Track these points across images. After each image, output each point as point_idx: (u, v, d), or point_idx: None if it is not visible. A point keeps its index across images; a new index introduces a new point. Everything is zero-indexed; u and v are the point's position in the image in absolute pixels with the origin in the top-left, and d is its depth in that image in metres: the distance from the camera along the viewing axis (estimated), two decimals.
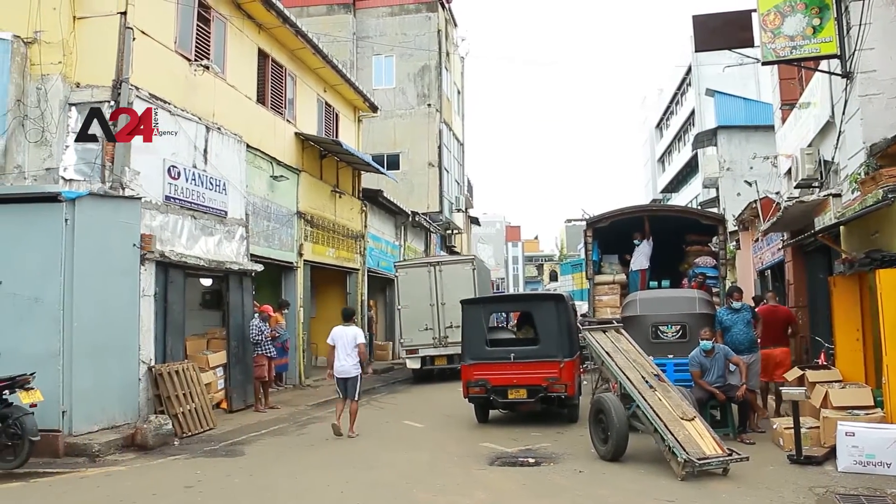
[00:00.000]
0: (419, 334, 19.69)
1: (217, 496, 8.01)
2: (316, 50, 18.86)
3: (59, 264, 10.27)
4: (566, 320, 12.32)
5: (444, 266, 20.30)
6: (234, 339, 14.42)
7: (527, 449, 10.18)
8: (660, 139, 59.18)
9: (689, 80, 45.82)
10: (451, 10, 36.32)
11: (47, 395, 9.55)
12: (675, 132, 51.69)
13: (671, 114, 53.69)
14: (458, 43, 38.38)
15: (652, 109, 62.55)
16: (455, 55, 37.33)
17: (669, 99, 52.97)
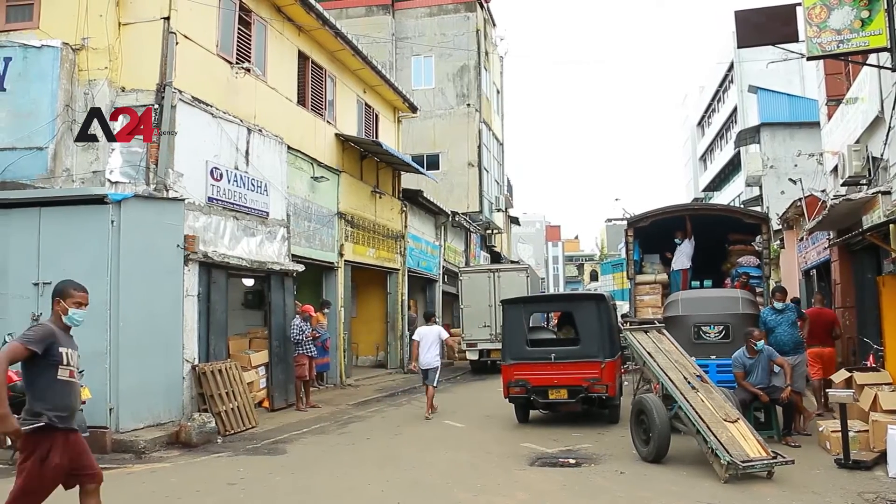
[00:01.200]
0: (478, 330, 22.34)
1: (259, 494, 8.09)
2: (355, 51, 18.97)
3: (105, 265, 10.49)
4: (607, 320, 12.25)
5: (501, 273, 23.18)
6: (275, 338, 14.56)
7: (567, 450, 10.13)
8: (701, 137, 58.41)
9: (731, 77, 45.14)
10: (490, 10, 36.26)
11: (95, 393, 9.76)
12: (716, 130, 50.96)
13: (713, 111, 52.93)
14: (497, 42, 38.30)
15: (693, 107, 61.74)
16: (494, 55, 37.26)
17: (711, 96, 52.23)
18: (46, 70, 11.50)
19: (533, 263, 73.40)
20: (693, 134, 62.13)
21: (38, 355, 5.27)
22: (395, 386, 18.80)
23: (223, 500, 7.88)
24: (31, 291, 10.59)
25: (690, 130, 63.36)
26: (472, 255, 33.78)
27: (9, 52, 11.53)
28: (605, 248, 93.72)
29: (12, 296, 10.66)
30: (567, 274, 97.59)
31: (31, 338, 5.21)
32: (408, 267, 24.05)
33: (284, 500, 7.91)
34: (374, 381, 19.57)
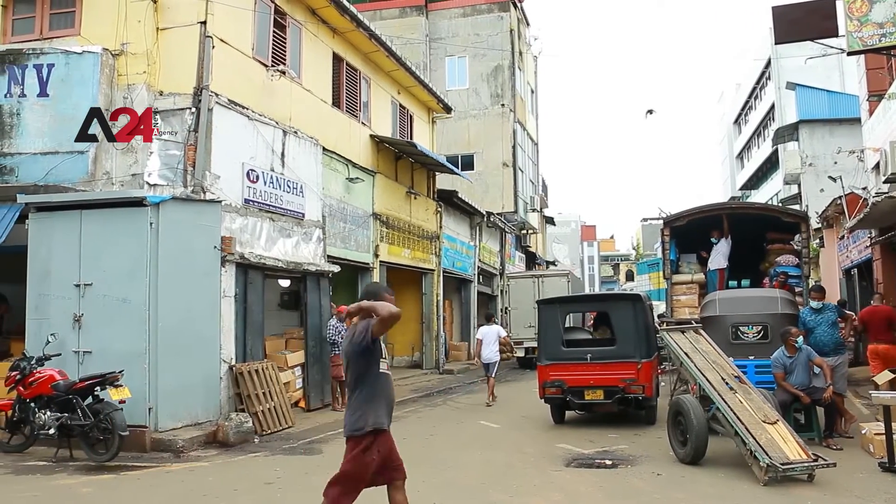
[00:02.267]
0: (524, 330, 23.87)
1: (296, 493, 8.15)
2: (389, 52, 19.03)
3: (144, 266, 10.64)
4: (644, 320, 12.15)
5: (545, 278, 25.93)
6: (311, 339, 14.65)
7: (603, 450, 10.07)
8: (738, 135, 57.71)
9: (768, 73, 44.54)
10: (523, 9, 36.18)
11: (135, 393, 9.91)
12: (754, 128, 50.33)
13: (750, 109, 52.27)
14: (531, 42, 38.20)
15: (729, 105, 61.03)
16: (528, 54, 37.16)
17: (748, 94, 51.57)
18: (87, 75, 11.70)
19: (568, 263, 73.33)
20: (730, 132, 61.43)
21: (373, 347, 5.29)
22: (430, 386, 18.82)
23: (260, 499, 7.95)
24: (73, 292, 10.79)
25: (727, 128, 62.66)
26: (508, 255, 33.72)
27: (52, 58, 11.74)
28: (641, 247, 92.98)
29: (55, 297, 10.87)
30: (602, 274, 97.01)
31: None
32: (443, 267, 24.06)
33: (320, 500, 7.95)
34: (410, 382, 19.60)
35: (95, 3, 12.40)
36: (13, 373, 10.17)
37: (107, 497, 8.14)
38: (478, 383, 20.41)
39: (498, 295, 32.10)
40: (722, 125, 65.98)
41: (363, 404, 5.34)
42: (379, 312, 5.02)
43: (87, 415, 9.49)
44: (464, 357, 26.12)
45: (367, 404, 5.34)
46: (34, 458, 9.90)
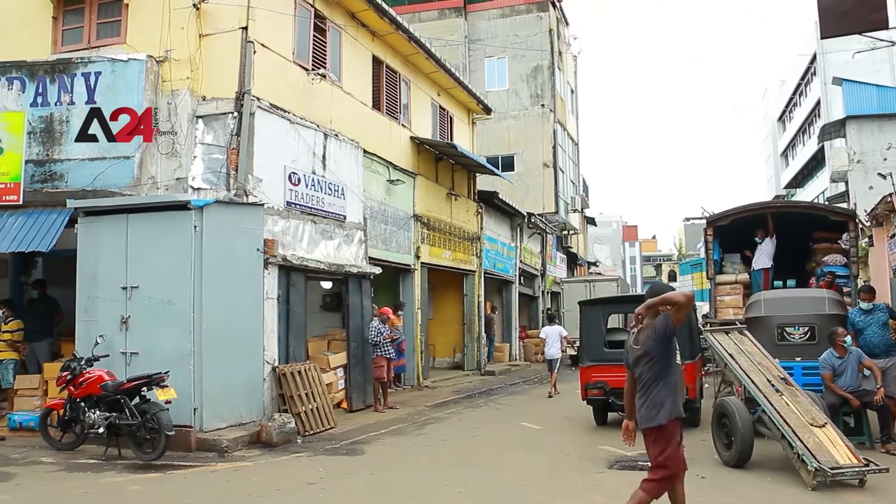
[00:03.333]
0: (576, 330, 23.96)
1: (338, 494, 8.20)
2: (429, 55, 19.08)
3: (189, 269, 10.79)
4: (687, 321, 11.99)
5: (596, 283, 28.59)
6: (353, 340, 14.74)
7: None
8: (783, 133, 56.75)
9: (813, 69, 43.72)
10: (562, 9, 36.00)
11: (180, 393, 10.06)
12: (799, 125, 49.45)
13: (795, 106, 51.36)
14: (571, 41, 37.99)
15: (773, 102, 60.04)
16: (567, 54, 36.97)
17: (792, 90, 50.68)
18: (133, 82, 11.91)
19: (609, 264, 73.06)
20: (774, 129, 60.47)
21: None
22: (472, 388, 18.81)
23: (303, 499, 8.01)
24: (120, 295, 10.99)
25: (771, 126, 61.68)
26: (549, 256, 33.59)
27: (98, 66, 11.99)
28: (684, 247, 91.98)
29: (102, 299, 11.08)
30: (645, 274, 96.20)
31: None
32: (484, 268, 24.03)
33: (363, 500, 8.00)
34: (451, 383, 19.62)
35: (140, 12, 12.63)
36: (64, 373, 10.41)
37: (154, 495, 8.28)
38: (519, 384, 20.38)
39: (539, 296, 31.99)
40: (765, 123, 64.97)
41: (670, 394, 5.68)
42: (676, 300, 5.59)
43: (135, 414, 9.67)
44: (505, 358, 26.06)
45: (673, 394, 5.70)
46: (85, 455, 10.11)
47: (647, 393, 5.74)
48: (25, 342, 12.72)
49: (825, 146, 36.58)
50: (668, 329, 5.59)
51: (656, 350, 5.66)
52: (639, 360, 5.79)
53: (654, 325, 5.66)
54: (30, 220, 11.63)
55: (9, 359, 12.41)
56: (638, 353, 5.82)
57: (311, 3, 14.39)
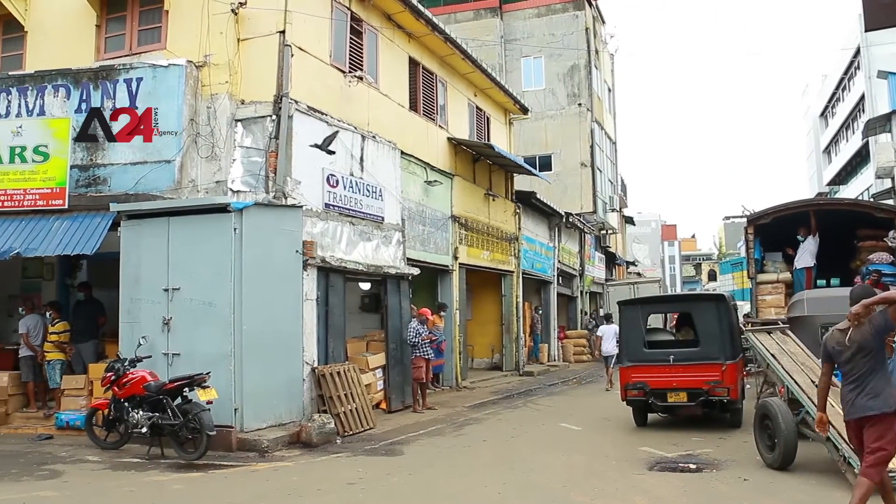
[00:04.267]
0: None
1: (378, 494, 8.23)
2: (465, 55, 19.08)
3: (229, 270, 10.90)
4: (728, 321, 11.85)
5: (639, 284, 32.66)
6: (392, 341, 14.79)
7: (687, 454, 9.85)
8: (825, 129, 55.67)
9: (857, 62, 42.79)
10: (599, 7, 35.76)
11: (221, 393, 10.17)
12: (842, 120, 48.47)
13: (837, 101, 50.37)
14: (607, 40, 37.75)
15: (815, 97, 58.93)
16: (604, 52, 36.74)
17: (835, 85, 49.69)
18: (173, 87, 12.09)
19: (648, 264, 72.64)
20: (816, 125, 59.40)
21: None
22: (510, 388, 18.76)
23: (343, 499, 8.05)
24: (162, 297, 11.15)
25: (813, 121, 60.60)
26: (587, 256, 33.38)
27: (140, 72, 12.19)
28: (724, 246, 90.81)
29: (145, 301, 11.25)
30: (684, 274, 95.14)
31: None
32: (522, 269, 23.95)
33: (402, 501, 8.02)
34: (490, 384, 19.59)
35: (180, 18, 12.82)
36: (108, 374, 10.62)
37: (196, 494, 8.39)
38: (558, 385, 20.29)
39: (577, 296, 31.81)
40: (807, 119, 63.85)
41: (887, 383, 6.13)
42: (894, 298, 6.19)
43: (177, 415, 9.81)
44: (545, 359, 25.96)
45: (889, 384, 6.14)
46: (129, 454, 10.29)
47: (863, 384, 6.13)
48: (71, 343, 13.00)
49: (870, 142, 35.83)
50: (887, 324, 6.14)
51: (874, 344, 6.14)
52: (855, 355, 6.20)
53: (873, 322, 6.15)
54: (74, 223, 11.88)
55: (56, 359, 12.72)
56: (853, 349, 6.22)
57: (348, 6, 14.47)
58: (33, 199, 12.17)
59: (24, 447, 11.05)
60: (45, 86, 12.48)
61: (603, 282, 37.54)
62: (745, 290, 21.37)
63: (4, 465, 9.72)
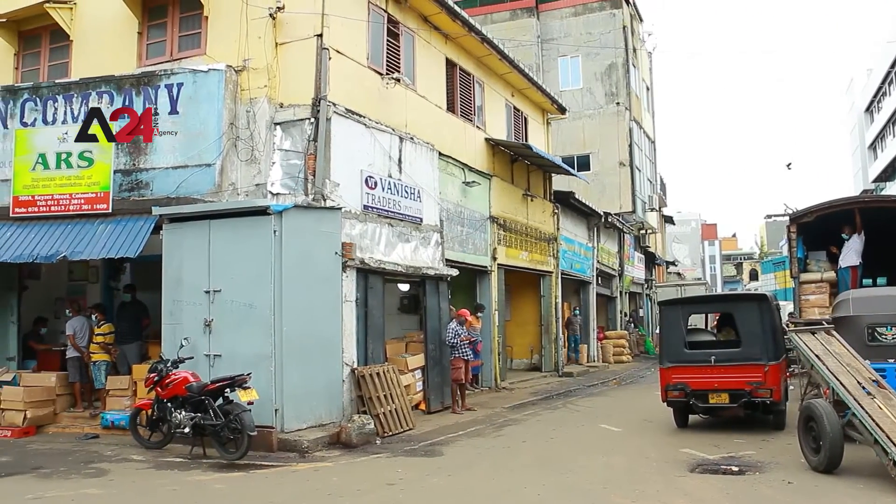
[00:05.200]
0: None
1: (417, 494, 8.25)
2: (502, 56, 19.04)
3: (269, 272, 11.01)
4: (770, 321, 11.65)
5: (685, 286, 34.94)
6: (431, 342, 14.80)
7: (730, 456, 9.71)
8: (870, 124, 54.57)
9: None
10: (636, 5, 35.47)
11: (262, 394, 10.28)
12: (888, 115, 47.48)
13: (883, 95, 49.33)
14: (645, 38, 37.41)
15: (860, 92, 57.82)
16: (642, 51, 36.42)
17: (881, 79, 48.68)
18: (213, 92, 12.24)
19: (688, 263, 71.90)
20: (861, 121, 58.27)
21: None
22: (549, 389, 18.68)
23: (382, 499, 8.08)
24: (203, 299, 11.30)
25: (858, 117, 59.46)
26: (626, 256, 33.13)
27: (181, 77, 12.36)
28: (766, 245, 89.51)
29: (186, 303, 11.42)
30: (725, 273, 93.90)
31: None
32: (561, 269, 23.85)
33: (441, 501, 8.03)
34: (529, 385, 19.52)
35: (219, 24, 12.98)
36: (151, 374, 10.80)
37: (238, 493, 8.48)
38: (598, 386, 20.14)
39: (617, 297, 31.58)
40: (852, 114, 62.68)
41: None
42: None
43: (219, 415, 9.92)
44: (584, 360, 25.79)
45: None
46: (172, 454, 10.45)
47: None
48: (116, 345, 13.24)
49: None
50: None
51: None
52: None
53: None
54: (118, 227, 12.09)
55: (101, 360, 12.97)
56: None
57: (384, 9, 14.53)
58: (79, 203, 12.43)
59: (72, 446, 11.33)
60: (89, 93, 12.72)
61: (642, 282, 37.26)
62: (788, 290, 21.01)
63: (53, 463, 9.98)
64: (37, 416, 12.60)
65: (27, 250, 12.23)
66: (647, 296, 38.81)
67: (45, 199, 12.60)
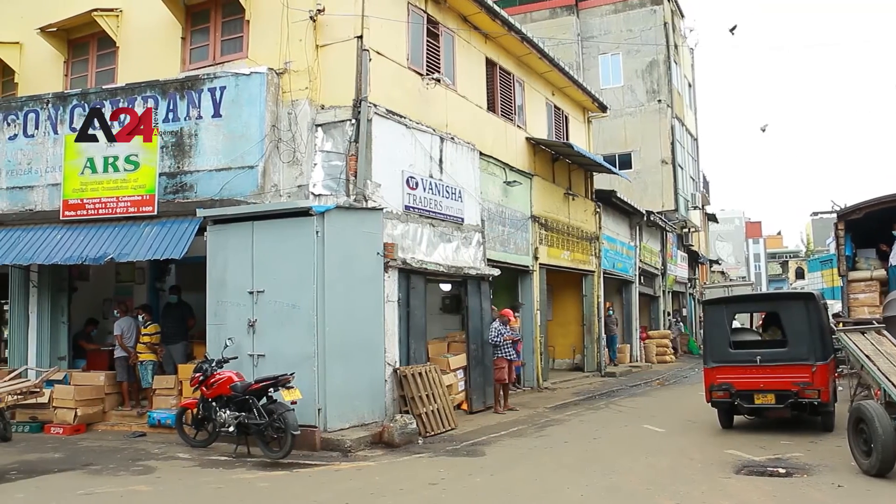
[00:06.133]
0: None
1: (459, 494, 8.24)
2: (542, 54, 18.96)
3: (311, 273, 11.09)
4: (818, 320, 11.41)
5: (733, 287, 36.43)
6: (473, 341, 14.79)
7: (776, 458, 9.53)
8: None
9: None
10: (677, 1, 35.04)
11: (305, 394, 10.35)
12: None
13: None
14: (686, 34, 36.94)
15: None
16: (683, 47, 35.96)
17: None
18: (255, 94, 12.37)
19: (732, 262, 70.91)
20: None
21: None
22: (592, 389, 18.55)
23: (425, 499, 8.09)
24: (247, 299, 11.42)
25: None
26: (669, 255, 32.75)
27: (223, 81, 12.51)
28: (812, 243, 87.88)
29: (230, 304, 11.55)
30: (770, 272, 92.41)
31: None
32: (603, 268, 23.65)
33: (484, 501, 8.01)
34: (571, 385, 19.41)
35: (260, 27, 13.13)
36: (196, 374, 10.95)
37: (282, 492, 8.56)
38: (641, 386, 19.95)
39: (660, 296, 31.24)
40: None
41: None
42: None
43: (262, 414, 10.02)
44: (626, 360, 25.55)
45: None
46: (216, 452, 10.59)
47: None
48: (162, 344, 13.46)
49: None
50: None
51: None
52: None
53: None
54: (163, 229, 12.28)
55: (148, 360, 13.21)
56: None
57: (424, 9, 14.56)
58: (125, 206, 12.65)
59: (120, 443, 11.55)
60: (135, 97, 12.93)
61: (685, 281, 36.84)
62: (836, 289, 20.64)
63: (103, 460, 10.19)
64: (86, 414, 12.88)
65: (76, 252, 12.49)
66: (690, 295, 38.35)
67: (94, 203, 12.84)
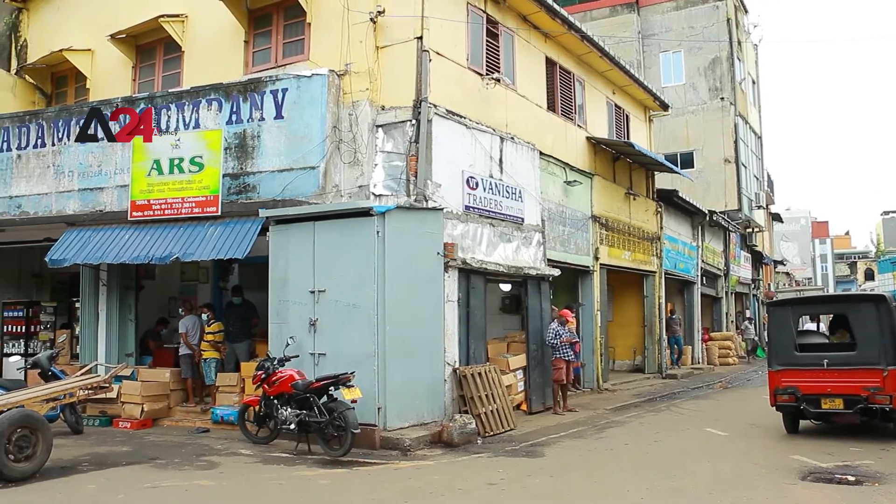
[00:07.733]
0: None
1: (518, 495, 8.21)
2: (602, 53, 18.78)
3: (372, 273, 11.16)
4: (890, 323, 11.03)
5: (803, 292, 34.20)
6: (532, 342, 14.72)
7: (844, 465, 9.26)
8: None
9: None
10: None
11: (365, 393, 10.42)
12: None
13: None
14: (750, 30, 36.15)
15: None
16: (747, 43, 35.21)
17: None
18: (316, 96, 12.50)
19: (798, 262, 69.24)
20: None
21: None
22: (653, 391, 18.31)
23: (483, 499, 8.09)
24: (308, 298, 11.56)
25: None
26: (732, 255, 32.16)
27: (285, 83, 12.68)
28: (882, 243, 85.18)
29: (292, 303, 11.71)
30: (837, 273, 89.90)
31: None
32: (664, 269, 23.33)
33: (542, 502, 7.97)
34: (632, 386, 19.19)
35: (321, 29, 13.28)
36: (259, 372, 11.12)
37: (342, 489, 8.64)
38: (702, 389, 19.61)
39: (722, 297, 30.69)
40: None
41: None
42: None
43: (323, 412, 10.13)
44: (688, 361, 25.15)
45: None
46: (278, 449, 10.74)
47: None
48: (225, 343, 13.73)
49: None
50: None
51: None
52: None
53: None
54: (227, 229, 12.52)
55: (211, 358, 13.51)
56: None
57: (483, 9, 14.55)
58: (190, 206, 12.91)
59: (185, 438, 11.80)
60: (199, 100, 13.19)
61: (749, 282, 36.12)
62: None
63: (168, 455, 10.43)
64: (153, 409, 13.20)
65: (143, 252, 12.82)
66: (753, 296, 37.58)
67: (160, 203, 13.15)
